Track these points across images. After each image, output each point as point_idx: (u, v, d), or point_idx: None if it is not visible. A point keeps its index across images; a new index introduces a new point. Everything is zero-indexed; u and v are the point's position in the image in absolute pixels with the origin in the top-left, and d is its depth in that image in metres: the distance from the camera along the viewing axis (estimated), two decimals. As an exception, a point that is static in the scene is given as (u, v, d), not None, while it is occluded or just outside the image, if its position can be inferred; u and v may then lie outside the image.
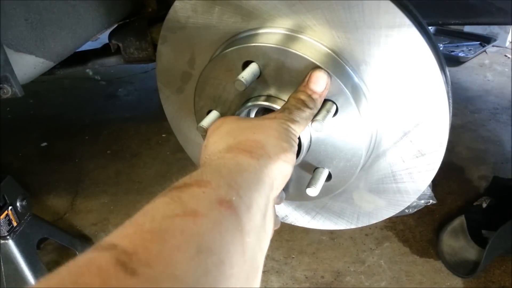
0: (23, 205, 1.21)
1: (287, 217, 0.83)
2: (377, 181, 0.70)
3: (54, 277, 0.28)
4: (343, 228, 0.79)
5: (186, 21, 0.69)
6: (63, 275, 0.28)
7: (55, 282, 0.28)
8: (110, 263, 0.29)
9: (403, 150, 0.66)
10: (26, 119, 2.39)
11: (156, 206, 0.37)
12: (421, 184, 0.68)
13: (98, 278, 0.28)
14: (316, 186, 0.62)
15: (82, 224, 1.65)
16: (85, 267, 0.29)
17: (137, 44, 1.35)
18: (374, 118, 0.64)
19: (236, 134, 0.51)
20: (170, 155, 2.02)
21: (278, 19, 0.62)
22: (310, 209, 0.80)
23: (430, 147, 0.64)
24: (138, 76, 2.79)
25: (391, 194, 0.71)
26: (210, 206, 0.37)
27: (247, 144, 0.49)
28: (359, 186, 0.72)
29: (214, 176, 0.42)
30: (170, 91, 0.81)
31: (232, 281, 0.34)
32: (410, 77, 0.60)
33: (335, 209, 0.77)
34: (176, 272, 0.30)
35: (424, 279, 1.39)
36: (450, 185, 1.73)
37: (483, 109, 2.29)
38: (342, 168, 0.64)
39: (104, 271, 0.28)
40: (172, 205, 0.37)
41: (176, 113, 0.84)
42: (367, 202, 0.74)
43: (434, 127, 0.62)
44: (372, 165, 0.69)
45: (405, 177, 0.68)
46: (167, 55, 0.77)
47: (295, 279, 1.41)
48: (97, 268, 0.29)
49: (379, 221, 0.76)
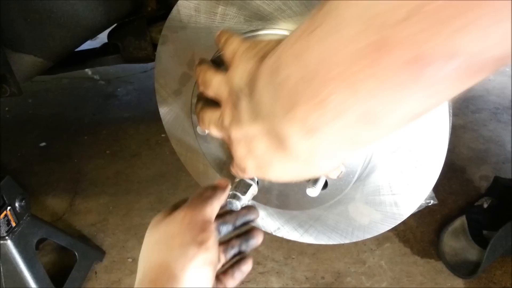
0: (21, 205, 1.20)
1: (279, 230, 0.80)
2: (373, 192, 0.68)
3: None
4: (337, 243, 0.76)
5: (188, 21, 0.68)
6: None
7: None
8: None
9: (401, 159, 0.64)
10: (24, 119, 2.38)
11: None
12: (419, 196, 0.66)
13: None
14: (316, 187, 0.61)
15: (81, 225, 1.64)
16: None
17: (136, 44, 1.34)
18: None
19: (150, 254, 0.50)
20: (169, 155, 2.01)
21: (281, 21, 0.62)
22: (304, 222, 0.77)
23: (428, 157, 0.62)
24: (137, 75, 2.79)
25: (387, 206, 0.68)
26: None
27: (153, 272, 0.48)
28: (355, 197, 0.70)
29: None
30: (167, 93, 0.80)
31: None
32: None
33: (330, 222, 0.75)
34: None
35: (425, 280, 1.38)
36: (451, 185, 1.73)
37: (484, 109, 2.28)
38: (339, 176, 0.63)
39: None
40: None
41: (172, 116, 0.82)
42: (363, 215, 0.71)
43: (433, 136, 0.61)
44: (369, 175, 0.66)
45: (402, 188, 0.66)
46: (167, 55, 0.76)
47: (295, 280, 1.40)
48: None
49: (373, 236, 0.72)
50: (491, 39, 0.24)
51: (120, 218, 1.65)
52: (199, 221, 0.50)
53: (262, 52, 0.41)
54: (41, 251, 1.50)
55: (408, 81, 0.27)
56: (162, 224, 0.51)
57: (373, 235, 0.72)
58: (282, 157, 0.39)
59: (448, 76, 0.26)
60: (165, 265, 0.47)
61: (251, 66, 0.42)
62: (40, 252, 1.49)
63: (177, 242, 0.48)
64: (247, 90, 0.41)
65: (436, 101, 0.30)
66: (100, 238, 1.58)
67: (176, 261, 0.47)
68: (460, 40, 0.24)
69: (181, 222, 0.50)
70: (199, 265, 0.47)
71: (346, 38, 0.28)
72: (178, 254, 0.47)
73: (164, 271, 0.47)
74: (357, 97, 0.30)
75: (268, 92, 0.37)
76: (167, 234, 0.50)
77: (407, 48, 0.26)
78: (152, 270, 0.48)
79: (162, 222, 0.51)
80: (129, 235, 1.57)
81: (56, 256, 1.50)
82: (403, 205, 0.67)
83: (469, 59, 0.25)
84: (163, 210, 0.54)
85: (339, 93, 0.30)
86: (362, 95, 0.29)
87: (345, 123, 0.32)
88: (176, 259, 0.47)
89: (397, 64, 0.27)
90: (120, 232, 1.59)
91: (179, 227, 0.50)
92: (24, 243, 1.20)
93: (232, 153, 0.46)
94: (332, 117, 0.32)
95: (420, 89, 0.28)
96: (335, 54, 0.29)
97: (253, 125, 0.40)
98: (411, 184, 0.65)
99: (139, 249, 0.53)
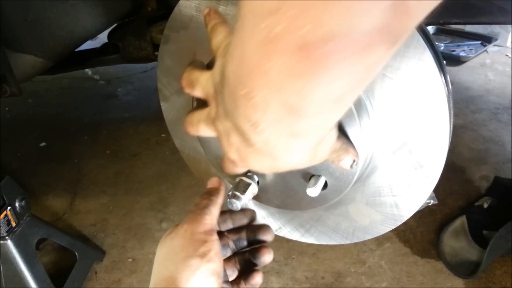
0: (22, 205, 1.20)
1: (281, 229, 0.80)
2: (374, 193, 0.68)
3: None
4: (338, 244, 0.77)
5: (190, 20, 0.69)
6: None
7: None
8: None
9: (402, 161, 0.63)
10: (25, 119, 2.38)
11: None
12: (419, 197, 0.65)
13: None
14: (316, 186, 0.61)
15: (81, 225, 1.64)
16: None
17: (136, 44, 1.34)
18: (373, 127, 0.62)
19: (159, 269, 0.52)
20: (169, 155, 2.01)
21: None
22: (305, 222, 0.77)
23: (429, 159, 0.62)
24: (137, 75, 2.79)
25: (388, 207, 0.68)
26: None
27: (161, 286, 0.50)
28: (356, 198, 0.70)
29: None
30: (170, 92, 0.80)
31: None
32: (410, 84, 0.58)
33: (330, 222, 0.75)
34: None
35: (425, 280, 1.38)
36: (451, 185, 1.73)
37: (484, 109, 2.28)
38: (338, 177, 0.63)
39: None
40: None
41: (175, 116, 0.83)
42: (363, 216, 0.71)
43: (434, 138, 0.60)
44: (370, 176, 0.66)
45: (403, 189, 0.66)
46: (169, 55, 0.76)
47: (295, 280, 1.40)
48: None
49: (374, 237, 0.73)
50: (354, 14, 0.25)
51: (120, 218, 1.65)
52: (201, 233, 0.52)
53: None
54: (41, 251, 1.50)
55: (305, 68, 0.28)
56: (168, 239, 0.53)
57: (374, 236, 0.72)
58: (252, 152, 0.40)
59: (339, 57, 0.27)
60: (171, 280, 0.49)
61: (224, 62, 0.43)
62: (40, 252, 1.50)
63: (181, 256, 0.50)
64: (220, 87, 0.42)
65: (348, 83, 0.30)
66: (100, 238, 1.58)
67: (181, 274, 0.49)
68: (329, 21, 0.25)
69: (183, 236, 0.52)
70: (202, 276, 0.49)
71: (250, 35, 0.29)
72: (183, 267, 0.49)
73: (170, 285, 0.49)
74: (271, 90, 0.31)
75: (227, 89, 0.38)
76: (173, 249, 0.52)
77: (289, 37, 0.27)
78: (160, 284, 0.50)
79: (168, 237, 0.54)
80: (129, 235, 1.57)
81: (56, 256, 1.51)
82: (403, 206, 0.67)
83: (346, 37, 0.26)
84: (173, 226, 0.56)
85: (261, 88, 0.31)
86: (274, 88, 0.30)
87: (277, 115, 0.33)
88: (181, 272, 0.49)
89: (288, 54, 0.27)
90: (120, 232, 1.59)
91: (183, 242, 0.52)
92: (24, 243, 1.20)
93: (222, 148, 0.46)
94: (263, 111, 0.33)
95: (322, 74, 0.28)
96: (247, 52, 0.30)
97: (226, 120, 0.41)
98: (412, 186, 0.64)
99: (139, 249, 0.54)
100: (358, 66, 0.28)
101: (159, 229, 1.58)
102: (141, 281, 1.40)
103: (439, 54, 0.61)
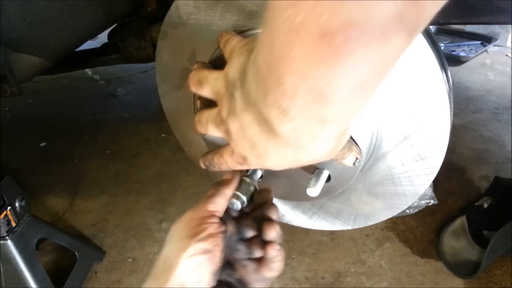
0: (22, 205, 1.20)
1: (284, 216, 0.82)
2: (375, 183, 0.70)
3: None
4: (340, 229, 0.79)
5: (188, 17, 0.69)
6: None
7: None
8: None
9: (403, 153, 0.65)
10: (25, 119, 2.38)
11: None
12: (420, 188, 0.67)
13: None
14: (316, 186, 0.61)
15: (81, 225, 1.64)
16: None
17: (136, 44, 1.34)
18: (375, 120, 0.63)
19: (161, 252, 0.56)
20: (169, 155, 2.01)
21: None
22: (307, 209, 0.80)
23: (430, 152, 0.63)
24: (137, 75, 2.79)
25: (389, 197, 0.70)
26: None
27: (155, 267, 0.53)
28: (358, 188, 0.71)
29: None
30: (170, 87, 0.81)
31: None
32: (411, 79, 0.59)
33: (332, 210, 0.77)
34: None
35: (425, 280, 1.38)
36: (451, 186, 1.73)
37: (484, 108, 2.28)
38: (342, 170, 0.63)
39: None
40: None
41: (175, 110, 0.83)
42: (365, 204, 0.73)
43: (435, 132, 0.62)
44: (372, 167, 0.68)
45: (403, 180, 0.67)
46: (168, 51, 0.76)
47: (295, 280, 1.40)
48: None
49: (375, 223, 0.75)
50: (369, 2, 0.26)
51: (120, 218, 1.65)
52: (198, 218, 0.55)
53: (254, 45, 0.43)
54: (41, 251, 1.50)
55: (327, 54, 0.29)
56: (173, 226, 0.57)
57: (375, 222, 0.75)
58: (275, 143, 0.40)
59: (358, 43, 0.28)
60: (164, 259, 0.53)
61: (244, 58, 0.44)
62: (40, 252, 1.49)
63: (174, 238, 0.54)
64: (239, 82, 0.43)
65: (369, 70, 0.31)
66: (100, 238, 1.58)
67: (172, 253, 0.53)
68: (346, 10, 0.27)
69: (182, 221, 0.56)
70: (191, 254, 0.52)
71: (276, 25, 0.31)
72: (174, 247, 0.53)
73: (162, 264, 0.53)
74: (298, 76, 0.32)
75: (253, 80, 0.39)
76: (172, 233, 0.56)
77: (310, 26, 0.28)
78: (155, 266, 0.54)
79: (174, 225, 0.57)
80: (129, 235, 1.57)
81: (56, 256, 1.51)
82: (404, 195, 0.69)
83: (363, 25, 0.27)
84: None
85: (289, 75, 0.33)
86: (300, 74, 0.32)
87: (305, 102, 0.34)
88: (172, 252, 0.53)
89: (310, 41, 0.29)
90: (120, 232, 1.59)
91: (180, 226, 0.55)
92: (24, 243, 1.20)
93: (232, 147, 0.47)
94: (292, 98, 0.34)
95: (343, 60, 0.29)
96: (275, 41, 0.32)
97: (245, 113, 0.42)
98: (412, 176, 0.66)
99: (139, 249, 0.55)
100: (377, 53, 0.30)
101: (159, 229, 1.58)
102: (141, 281, 1.39)
103: (440, 50, 0.61)
